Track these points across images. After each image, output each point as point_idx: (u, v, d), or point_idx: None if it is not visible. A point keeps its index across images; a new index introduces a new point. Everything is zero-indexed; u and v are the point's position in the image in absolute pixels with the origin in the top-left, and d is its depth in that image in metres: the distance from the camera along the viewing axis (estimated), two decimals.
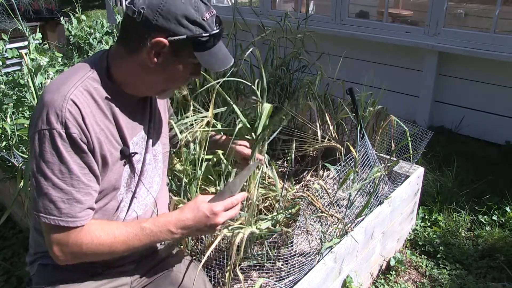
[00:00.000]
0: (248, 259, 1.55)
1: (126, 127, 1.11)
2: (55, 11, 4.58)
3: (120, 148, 1.10)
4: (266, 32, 2.49)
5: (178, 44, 1.01)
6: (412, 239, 2.27)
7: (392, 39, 3.56)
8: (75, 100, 0.99)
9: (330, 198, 1.84)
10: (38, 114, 0.99)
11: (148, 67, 1.04)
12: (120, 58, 1.07)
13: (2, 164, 2.12)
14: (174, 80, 1.12)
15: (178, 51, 1.03)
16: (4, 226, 2.33)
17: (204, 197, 1.14)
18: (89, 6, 9.80)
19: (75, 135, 0.98)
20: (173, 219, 1.08)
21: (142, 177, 1.19)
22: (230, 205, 1.13)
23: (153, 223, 1.07)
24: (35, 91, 1.99)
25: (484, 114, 3.36)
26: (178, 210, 1.11)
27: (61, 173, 0.98)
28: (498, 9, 3.07)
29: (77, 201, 1.00)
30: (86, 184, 1.01)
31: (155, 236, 1.07)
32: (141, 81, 1.09)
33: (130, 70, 1.07)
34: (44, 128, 0.97)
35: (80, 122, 0.99)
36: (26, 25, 2.50)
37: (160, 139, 1.27)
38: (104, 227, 1.05)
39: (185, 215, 1.09)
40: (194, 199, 1.14)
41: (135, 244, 1.06)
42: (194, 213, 1.09)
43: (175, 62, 1.05)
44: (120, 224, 1.08)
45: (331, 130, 2.04)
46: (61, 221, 0.98)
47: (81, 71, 1.05)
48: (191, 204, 1.12)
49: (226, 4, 4.98)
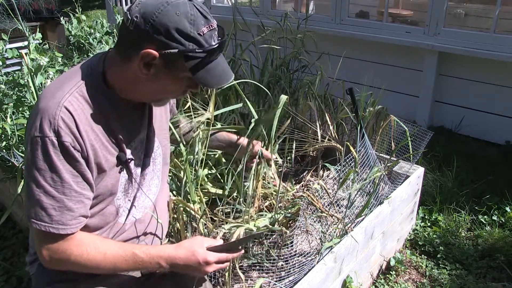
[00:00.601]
0: (248, 259, 1.55)
1: (123, 132, 1.10)
2: (55, 11, 4.58)
3: (117, 154, 1.09)
4: (266, 32, 2.49)
5: (170, 58, 0.98)
6: (412, 239, 2.27)
7: (392, 39, 3.56)
8: (68, 107, 0.98)
9: (330, 198, 1.84)
10: (32, 121, 0.98)
11: (139, 77, 1.02)
12: (115, 64, 1.05)
13: (2, 164, 2.12)
14: (168, 92, 1.09)
15: (170, 64, 0.99)
16: (4, 226, 2.33)
17: (203, 241, 1.15)
18: (89, 6, 9.80)
19: (67, 143, 0.97)
20: (165, 254, 1.09)
21: (141, 181, 1.19)
22: (225, 260, 1.15)
23: (145, 253, 1.08)
24: (35, 91, 1.99)
25: (484, 114, 3.36)
26: (173, 247, 1.11)
27: (53, 181, 0.97)
28: (498, 9, 3.07)
29: (68, 209, 0.99)
30: (78, 192, 1.01)
31: (143, 265, 1.08)
32: (134, 89, 1.07)
33: (124, 78, 1.05)
34: (37, 135, 0.96)
35: (73, 129, 0.98)
36: (26, 25, 2.50)
37: (160, 141, 1.26)
38: (97, 244, 1.05)
39: (178, 255, 1.10)
40: (193, 240, 1.15)
41: (122, 268, 1.07)
42: (187, 256, 1.10)
43: (167, 74, 1.02)
44: (113, 245, 1.08)
45: (331, 130, 2.04)
46: (51, 228, 0.98)
47: (77, 76, 1.04)
48: (187, 245, 1.12)
49: (226, 4, 4.98)
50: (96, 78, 1.05)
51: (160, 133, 1.26)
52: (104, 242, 1.08)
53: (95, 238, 1.08)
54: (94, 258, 1.04)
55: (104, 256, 1.04)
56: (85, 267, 1.04)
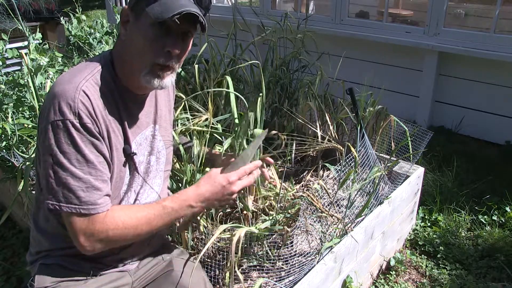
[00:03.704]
0: (248, 259, 1.55)
1: (130, 125, 1.12)
2: (55, 11, 4.58)
3: (123, 146, 1.11)
4: (266, 32, 2.49)
5: (136, 7, 1.03)
6: (412, 239, 2.27)
7: (392, 39, 3.56)
8: (86, 91, 1.00)
9: (330, 198, 1.84)
10: (49, 105, 0.99)
11: (124, 43, 1.07)
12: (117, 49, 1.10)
13: (2, 164, 2.12)
14: (146, 51, 1.04)
15: (138, 15, 1.03)
16: (4, 226, 2.33)
17: (217, 170, 1.16)
18: (89, 6, 9.80)
19: (88, 124, 0.99)
20: (192, 194, 1.11)
21: (144, 179, 1.19)
22: (244, 173, 1.16)
23: (173, 201, 1.09)
24: (35, 91, 1.99)
25: (484, 114, 3.36)
26: (195, 185, 1.13)
27: (78, 162, 0.99)
28: (498, 9, 3.07)
29: (95, 188, 1.01)
30: (102, 172, 1.02)
31: (176, 213, 1.09)
32: (126, 66, 1.09)
33: (118, 54, 1.09)
34: (58, 119, 0.97)
35: (92, 112, 1.00)
36: (26, 25, 2.50)
37: (165, 141, 1.27)
38: (126, 211, 1.06)
39: (202, 188, 1.12)
40: (208, 173, 1.16)
41: (158, 223, 1.08)
42: (210, 185, 1.12)
43: (136, 28, 1.04)
44: (141, 207, 1.09)
45: (331, 130, 2.04)
46: (82, 209, 0.99)
47: (91, 66, 1.07)
48: (206, 178, 1.14)
49: (226, 4, 4.98)
50: (108, 69, 1.08)
51: (165, 133, 1.27)
52: (131, 207, 1.11)
53: (123, 207, 1.10)
54: (130, 224, 1.04)
55: (137, 219, 1.05)
56: (124, 236, 1.05)
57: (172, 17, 0.98)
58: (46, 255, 1.17)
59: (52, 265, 1.15)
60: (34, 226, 1.20)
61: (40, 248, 1.18)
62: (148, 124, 1.20)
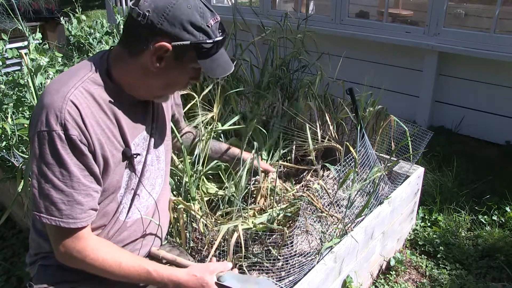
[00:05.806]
0: (248, 259, 1.55)
1: (128, 128, 1.11)
2: (55, 11, 4.58)
3: (122, 149, 1.10)
4: (266, 32, 2.49)
5: (181, 50, 1.02)
6: (412, 239, 2.27)
7: (392, 39, 3.56)
8: (74, 101, 0.98)
9: (330, 198, 1.84)
10: (37, 115, 0.99)
11: (149, 70, 1.05)
12: (122, 60, 1.07)
13: (2, 164, 2.12)
14: (174, 85, 1.13)
15: (181, 56, 1.03)
16: (4, 226, 2.33)
17: (216, 269, 1.16)
18: (89, 6, 9.80)
19: (74, 136, 0.97)
20: (176, 279, 1.10)
21: (143, 178, 1.19)
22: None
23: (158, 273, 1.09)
24: (35, 91, 1.98)
25: (484, 114, 3.36)
26: (185, 273, 1.12)
27: (62, 175, 0.98)
28: (498, 9, 3.07)
29: (77, 202, 1.00)
30: (86, 186, 1.01)
31: (153, 282, 1.10)
32: (141, 84, 1.09)
33: (131, 73, 1.07)
34: (44, 130, 0.97)
35: (79, 123, 0.98)
36: (26, 25, 2.50)
37: (163, 140, 1.26)
38: (113, 253, 1.07)
39: (188, 283, 1.11)
40: (205, 268, 1.15)
41: (133, 280, 1.09)
42: (196, 286, 1.11)
43: (177, 67, 1.05)
44: (129, 257, 1.09)
45: (331, 130, 2.04)
46: (62, 222, 0.99)
47: (82, 71, 1.05)
48: (198, 274, 1.12)
49: (226, 4, 4.98)
50: (101, 74, 1.06)
51: (163, 132, 1.26)
52: (121, 252, 1.10)
53: (112, 246, 1.09)
54: (110, 266, 1.05)
55: (119, 266, 1.06)
56: (99, 271, 1.06)
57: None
58: (45, 256, 1.17)
59: (51, 266, 1.16)
60: (33, 229, 1.20)
61: (39, 250, 1.19)
62: (146, 124, 1.19)
